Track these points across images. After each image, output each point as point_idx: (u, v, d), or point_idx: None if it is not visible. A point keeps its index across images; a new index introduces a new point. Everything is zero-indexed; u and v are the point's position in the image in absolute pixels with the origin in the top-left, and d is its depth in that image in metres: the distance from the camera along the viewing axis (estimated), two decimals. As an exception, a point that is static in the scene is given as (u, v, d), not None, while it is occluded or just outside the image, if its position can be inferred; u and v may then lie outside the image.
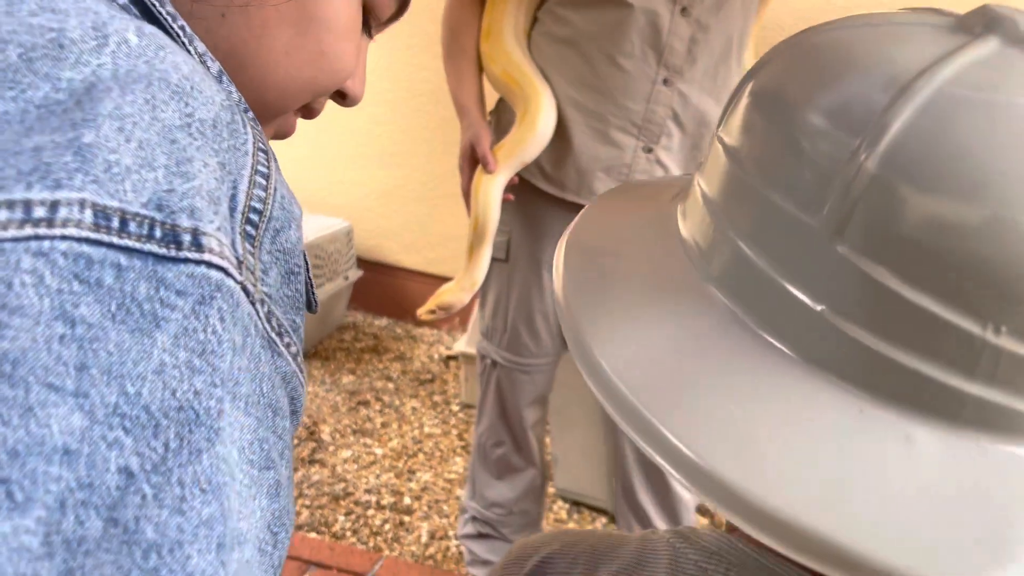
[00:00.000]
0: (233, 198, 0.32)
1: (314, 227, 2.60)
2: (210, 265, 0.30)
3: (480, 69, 1.23)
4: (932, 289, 0.31)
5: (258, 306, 0.33)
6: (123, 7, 0.35)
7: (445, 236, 2.37)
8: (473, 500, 1.44)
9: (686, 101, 1.16)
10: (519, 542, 0.57)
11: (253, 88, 0.41)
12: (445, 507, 1.76)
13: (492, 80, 1.22)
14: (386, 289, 2.48)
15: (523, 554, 0.55)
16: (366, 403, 2.10)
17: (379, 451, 1.92)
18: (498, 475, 1.40)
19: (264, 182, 0.34)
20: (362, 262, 2.45)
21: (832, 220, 0.33)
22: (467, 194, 1.22)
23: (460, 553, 1.64)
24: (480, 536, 1.45)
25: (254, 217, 0.33)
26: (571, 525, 1.73)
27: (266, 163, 0.35)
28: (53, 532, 0.25)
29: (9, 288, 0.26)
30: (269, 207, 0.34)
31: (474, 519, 1.45)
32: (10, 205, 0.26)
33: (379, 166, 2.37)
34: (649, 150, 1.16)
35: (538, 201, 1.24)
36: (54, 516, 0.25)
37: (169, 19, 0.36)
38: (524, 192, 1.23)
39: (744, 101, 0.39)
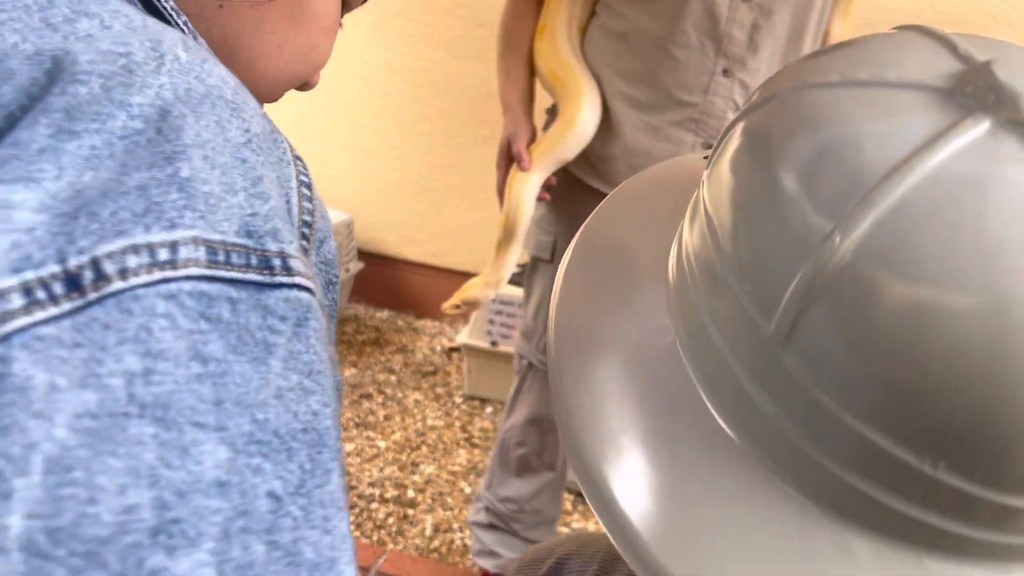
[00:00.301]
0: (289, 212, 0.33)
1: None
2: (300, 287, 0.31)
3: (531, 67, 1.21)
4: (868, 418, 0.29)
5: None
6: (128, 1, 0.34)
7: (445, 228, 2.37)
8: (488, 491, 1.44)
9: (748, 92, 1.11)
10: (535, 546, 0.56)
11: (242, 81, 0.40)
12: (449, 500, 1.76)
13: (540, 78, 1.20)
14: (387, 281, 2.47)
15: (539, 556, 0.54)
16: (368, 396, 2.09)
17: (382, 444, 1.92)
18: (516, 473, 1.40)
19: (308, 192, 0.34)
20: (362, 254, 2.44)
21: (782, 325, 0.31)
22: (501, 191, 1.20)
23: (465, 546, 1.64)
24: (491, 527, 1.45)
25: (306, 231, 0.34)
26: (575, 516, 1.73)
27: (305, 171, 0.35)
28: (224, 561, 0.27)
29: (150, 334, 0.27)
30: (316, 218, 0.34)
31: (487, 509, 1.44)
32: (135, 250, 0.27)
33: (379, 159, 2.36)
34: (709, 146, 1.12)
35: (588, 201, 1.22)
36: (222, 546, 0.27)
37: (173, 15, 0.36)
38: (574, 192, 1.21)
39: (728, 151, 0.35)
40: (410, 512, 1.72)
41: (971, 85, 0.30)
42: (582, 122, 1.13)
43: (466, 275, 2.36)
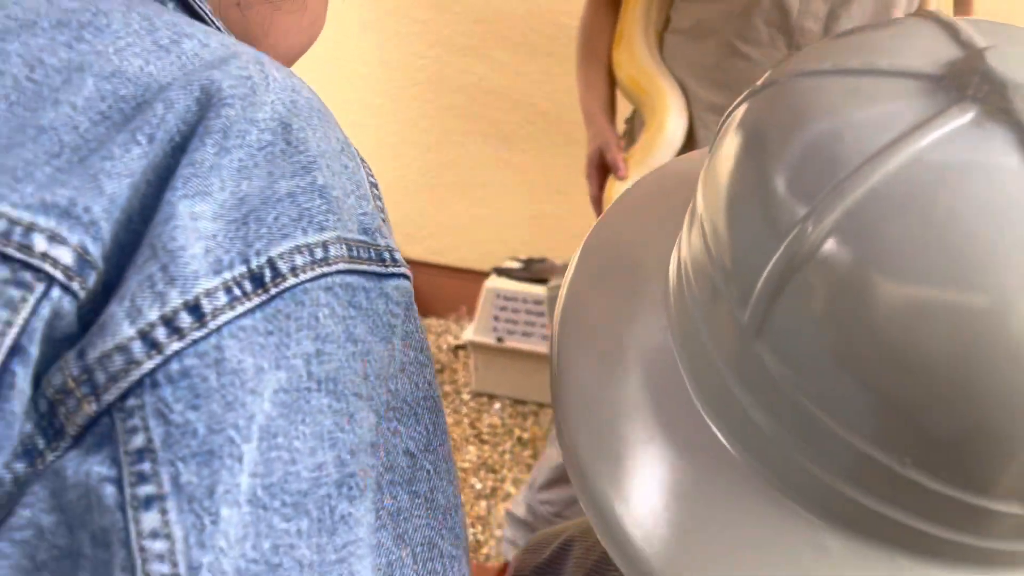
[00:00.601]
0: (377, 209, 0.37)
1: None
2: (405, 276, 0.36)
3: (612, 75, 1.21)
4: (835, 411, 0.29)
5: None
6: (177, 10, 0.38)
7: (446, 225, 2.37)
8: (530, 489, 1.45)
9: None
10: (544, 531, 0.56)
11: (278, 48, 0.44)
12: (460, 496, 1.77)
13: (622, 88, 1.20)
14: (391, 281, 2.47)
15: (545, 540, 0.55)
16: (376, 396, 2.10)
17: (391, 443, 1.93)
18: (555, 480, 1.40)
19: (377, 191, 0.38)
20: (366, 255, 2.45)
21: (756, 315, 0.30)
22: (596, 201, 1.20)
23: (478, 541, 1.64)
24: (523, 523, 1.46)
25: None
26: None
27: (371, 172, 0.39)
28: (380, 508, 0.32)
29: (318, 321, 0.31)
30: (386, 215, 0.38)
31: (527, 505, 1.46)
32: (299, 250, 0.31)
33: (379, 158, 2.36)
34: None
35: None
36: (377, 496, 0.32)
37: (216, 22, 0.39)
38: None
39: (720, 142, 0.35)
40: (421, 510, 1.72)
41: (962, 73, 0.29)
42: (671, 128, 1.12)
43: (469, 272, 2.36)
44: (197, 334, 0.29)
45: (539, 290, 1.95)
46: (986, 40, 0.30)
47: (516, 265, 2.11)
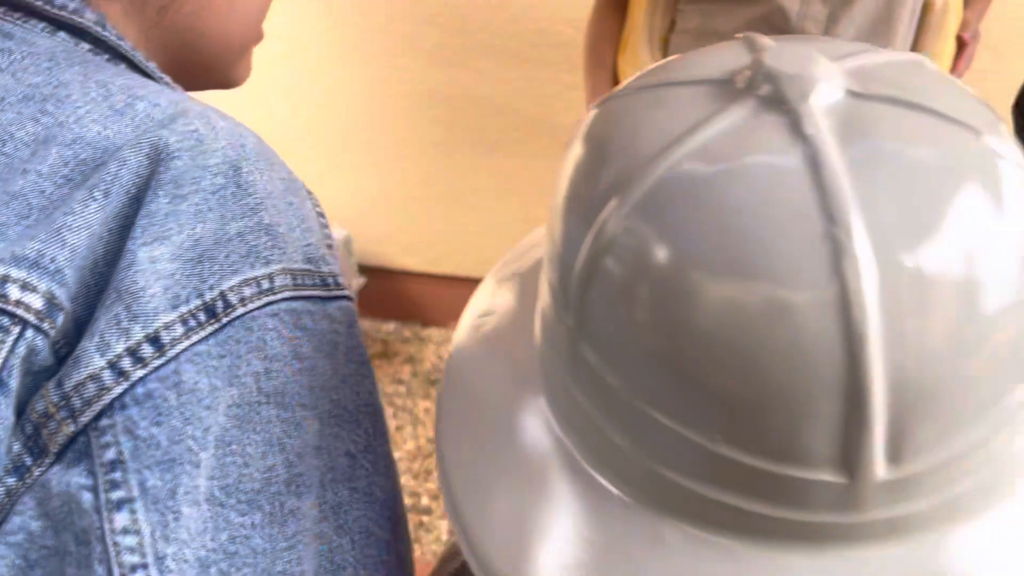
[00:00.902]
0: (322, 239, 0.41)
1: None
2: (348, 298, 0.41)
3: (617, 83, 1.23)
4: (645, 395, 0.30)
5: None
6: (110, 61, 0.42)
7: (442, 234, 2.38)
8: None
9: None
10: (453, 541, 0.57)
11: (220, 33, 0.47)
12: (464, 503, 1.78)
13: None
14: (390, 293, 2.49)
15: (456, 550, 0.55)
16: (379, 408, 2.11)
17: (396, 454, 1.94)
18: None
19: (324, 221, 0.43)
20: (363, 268, 2.46)
21: (576, 312, 0.32)
22: None
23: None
24: None
25: (331, 252, 0.42)
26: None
27: (318, 203, 0.44)
28: (323, 502, 0.37)
29: (265, 343, 0.36)
30: (332, 241, 0.43)
31: None
32: (247, 283, 0.36)
33: (371, 173, 2.38)
34: None
35: None
36: (321, 492, 0.37)
37: (163, 77, 0.43)
38: None
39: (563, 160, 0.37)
40: (425, 519, 1.73)
41: (745, 74, 0.31)
42: None
43: (466, 280, 2.37)
44: (158, 362, 0.34)
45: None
46: (774, 44, 0.32)
47: (511, 271, 2.12)
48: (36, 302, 0.34)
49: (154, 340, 0.34)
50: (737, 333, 0.28)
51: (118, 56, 0.42)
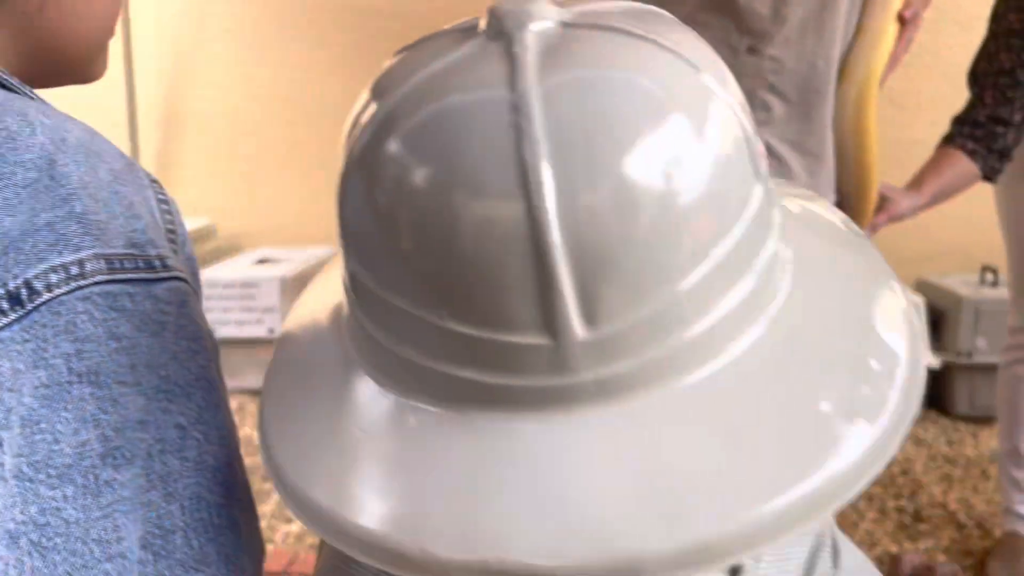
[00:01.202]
0: (158, 225, 0.44)
1: (301, 259, 2.63)
2: (178, 279, 0.43)
3: None
4: (388, 284, 0.35)
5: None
6: None
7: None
8: None
9: (781, 67, 1.05)
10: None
11: (82, 34, 0.49)
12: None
13: None
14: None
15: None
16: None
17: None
18: None
19: (167, 206, 0.46)
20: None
21: (340, 234, 0.37)
22: None
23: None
24: None
25: (172, 236, 0.45)
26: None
27: (162, 191, 0.46)
28: (150, 472, 0.39)
29: (76, 326, 0.38)
30: (176, 226, 0.46)
31: None
32: (54, 270, 0.38)
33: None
34: None
35: None
36: (148, 463, 0.39)
37: (23, 88, 0.45)
38: None
39: None
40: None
41: (482, 20, 0.36)
42: None
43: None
44: None
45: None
46: None
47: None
48: None
49: None
50: (439, 219, 0.32)
51: None
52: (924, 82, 2.40)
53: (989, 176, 1.28)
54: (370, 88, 0.37)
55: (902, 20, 1.13)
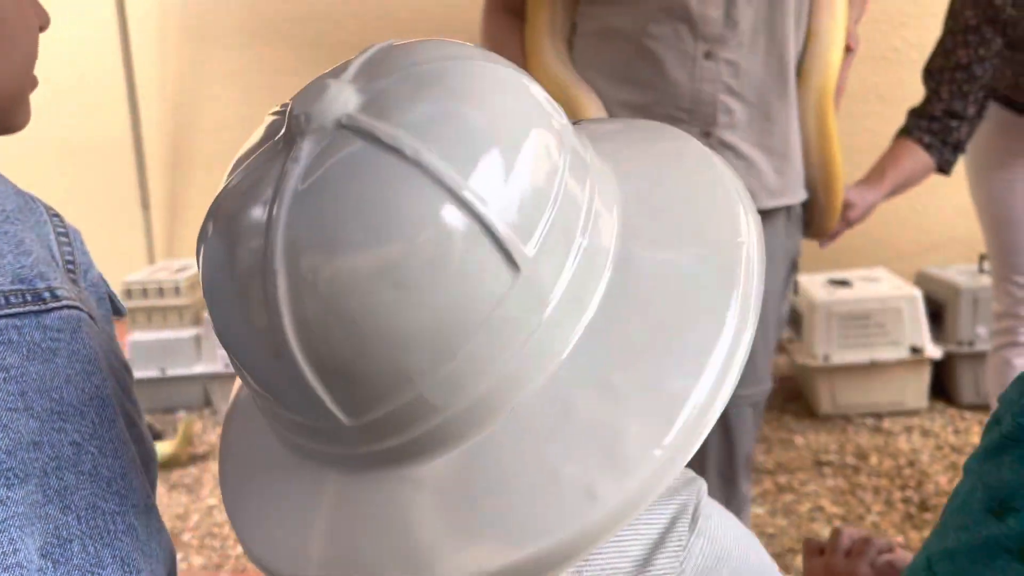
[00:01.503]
0: (53, 257, 0.48)
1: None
2: (70, 307, 0.46)
3: None
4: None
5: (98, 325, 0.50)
6: None
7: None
8: None
9: (738, 70, 1.08)
10: None
11: (2, 85, 0.49)
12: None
13: None
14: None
15: None
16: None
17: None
18: None
19: (66, 239, 0.50)
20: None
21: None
22: None
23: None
24: None
25: (70, 267, 0.49)
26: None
27: (61, 225, 0.50)
28: (47, 488, 0.43)
29: None
30: (76, 256, 0.50)
31: None
32: None
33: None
34: (707, 134, 1.09)
35: None
36: (43, 480, 0.42)
37: None
38: None
39: None
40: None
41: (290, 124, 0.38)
42: None
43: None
44: None
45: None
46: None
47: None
48: None
49: None
50: (225, 331, 0.40)
51: None
52: (909, 76, 2.42)
53: (943, 168, 1.32)
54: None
55: (848, 49, 1.17)
